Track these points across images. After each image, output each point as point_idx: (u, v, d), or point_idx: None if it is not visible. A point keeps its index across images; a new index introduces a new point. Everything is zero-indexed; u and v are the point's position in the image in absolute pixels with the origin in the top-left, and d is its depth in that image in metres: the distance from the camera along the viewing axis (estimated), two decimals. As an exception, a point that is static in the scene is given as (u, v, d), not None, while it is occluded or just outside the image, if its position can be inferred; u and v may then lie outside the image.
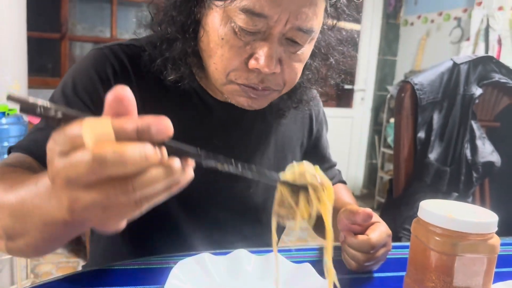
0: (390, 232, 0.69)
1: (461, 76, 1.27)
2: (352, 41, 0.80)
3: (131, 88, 0.35)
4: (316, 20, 0.64)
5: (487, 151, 1.30)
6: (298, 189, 0.39)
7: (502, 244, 0.56)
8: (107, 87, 0.62)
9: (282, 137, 0.87)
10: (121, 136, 0.32)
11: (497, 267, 0.56)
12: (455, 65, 1.28)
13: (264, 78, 0.65)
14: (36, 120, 2.51)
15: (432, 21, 3.88)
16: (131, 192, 0.32)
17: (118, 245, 0.81)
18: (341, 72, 0.81)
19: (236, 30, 0.62)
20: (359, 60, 4.23)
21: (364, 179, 4.57)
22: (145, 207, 0.34)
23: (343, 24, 0.75)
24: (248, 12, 0.59)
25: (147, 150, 0.32)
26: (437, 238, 0.54)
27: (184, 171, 0.35)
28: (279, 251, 0.68)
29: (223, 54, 0.64)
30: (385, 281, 0.68)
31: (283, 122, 0.87)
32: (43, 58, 3.91)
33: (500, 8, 3.14)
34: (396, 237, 1.30)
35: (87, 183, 0.32)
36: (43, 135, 0.64)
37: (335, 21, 0.73)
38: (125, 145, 0.31)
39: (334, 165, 1.03)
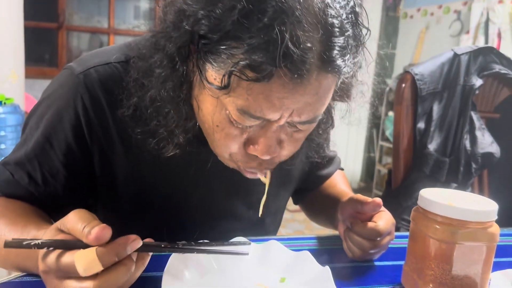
0: (394, 220, 0.70)
1: (461, 66, 1.27)
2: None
3: (104, 124, 0.41)
4: (323, 107, 0.56)
5: (486, 142, 1.30)
6: None
7: (501, 235, 0.55)
8: (78, 130, 0.65)
9: None
10: (104, 261, 0.44)
11: (496, 257, 0.56)
12: (456, 56, 1.28)
13: (263, 160, 0.60)
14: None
15: (432, 14, 3.87)
16: None
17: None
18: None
19: (232, 119, 0.55)
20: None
21: (362, 172, 4.58)
22: None
23: None
24: (246, 114, 0.52)
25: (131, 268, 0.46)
26: (437, 226, 0.54)
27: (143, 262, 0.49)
28: (279, 239, 0.68)
29: (219, 139, 0.58)
30: (384, 269, 0.68)
31: None
32: (40, 48, 3.88)
33: (500, 1, 3.13)
34: (394, 228, 1.30)
35: None
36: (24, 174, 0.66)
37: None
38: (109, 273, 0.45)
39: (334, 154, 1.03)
